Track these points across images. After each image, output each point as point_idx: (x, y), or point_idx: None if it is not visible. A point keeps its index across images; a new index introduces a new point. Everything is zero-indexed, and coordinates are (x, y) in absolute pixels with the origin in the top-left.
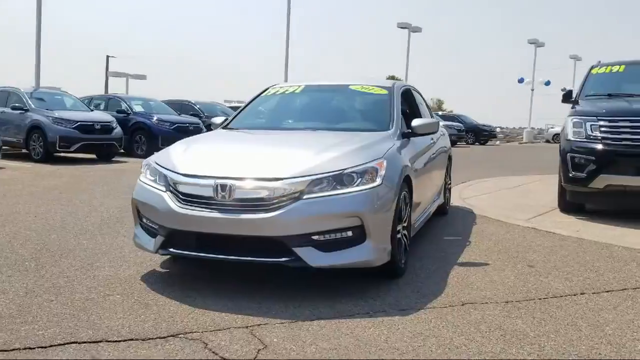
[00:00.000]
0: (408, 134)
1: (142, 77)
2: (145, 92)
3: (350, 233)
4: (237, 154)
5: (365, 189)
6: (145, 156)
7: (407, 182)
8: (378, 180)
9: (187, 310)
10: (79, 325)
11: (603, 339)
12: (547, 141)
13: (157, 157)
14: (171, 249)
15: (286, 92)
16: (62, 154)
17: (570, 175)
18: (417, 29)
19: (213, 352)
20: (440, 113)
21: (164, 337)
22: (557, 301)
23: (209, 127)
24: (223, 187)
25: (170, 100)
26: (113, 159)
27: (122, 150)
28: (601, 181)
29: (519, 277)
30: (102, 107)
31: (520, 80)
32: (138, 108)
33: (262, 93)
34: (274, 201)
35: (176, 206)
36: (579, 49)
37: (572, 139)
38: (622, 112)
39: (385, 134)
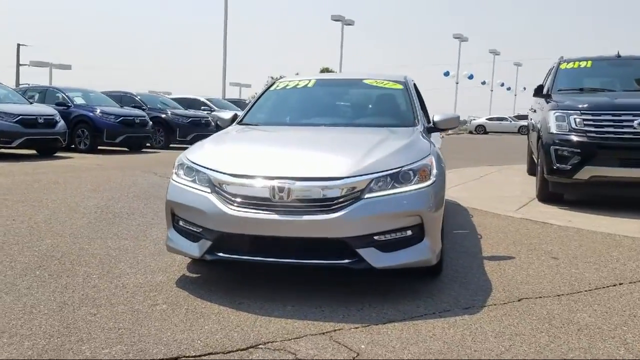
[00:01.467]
0: (431, 129)
1: (67, 67)
2: (71, 83)
3: (409, 232)
4: (284, 153)
5: (423, 187)
6: (88, 151)
7: None
8: (432, 178)
9: (250, 318)
10: (144, 340)
11: None
12: (470, 132)
13: (191, 156)
14: (220, 254)
15: (297, 87)
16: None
17: (555, 167)
18: (350, 22)
19: None
20: None
21: (244, 349)
22: (604, 292)
23: (169, 122)
24: (281, 187)
25: (109, 92)
26: (55, 154)
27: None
28: (586, 173)
29: (551, 270)
30: (36, 99)
31: (446, 74)
32: (78, 100)
33: (270, 87)
34: (336, 201)
35: (227, 208)
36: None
37: (556, 132)
38: (605, 106)
39: (416, 130)
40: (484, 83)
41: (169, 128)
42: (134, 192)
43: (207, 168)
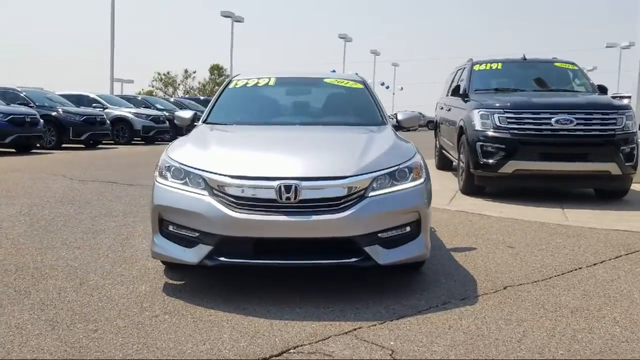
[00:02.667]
0: (396, 128)
1: None
2: None
3: (408, 229)
4: (280, 153)
5: (419, 184)
6: None
7: None
8: (424, 175)
9: (264, 323)
10: (167, 354)
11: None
12: None
13: (178, 157)
14: (222, 258)
15: (259, 85)
16: None
17: (481, 162)
18: (239, 19)
19: None
20: None
21: (278, 355)
22: (572, 277)
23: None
24: (288, 188)
25: None
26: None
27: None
28: (510, 167)
29: (514, 258)
30: None
31: (333, 72)
32: None
33: (228, 85)
34: (343, 200)
35: (230, 211)
36: (378, 45)
37: (481, 129)
38: (525, 105)
39: (388, 128)
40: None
41: (61, 127)
42: (54, 197)
43: (203, 170)
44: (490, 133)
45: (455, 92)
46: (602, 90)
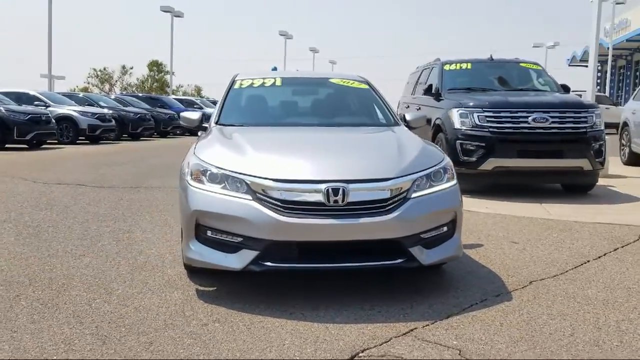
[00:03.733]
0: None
1: None
2: None
3: (445, 228)
4: (318, 155)
5: (454, 185)
6: None
7: None
8: (455, 175)
9: (319, 327)
10: None
11: None
12: None
13: (213, 161)
14: (269, 263)
15: (265, 85)
16: None
17: (461, 160)
18: (179, 14)
19: None
20: (211, 99)
21: (350, 358)
22: (585, 270)
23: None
24: (335, 191)
25: None
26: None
27: None
28: (490, 164)
29: (524, 254)
30: None
31: (274, 69)
32: None
33: (232, 86)
34: (389, 202)
35: (278, 215)
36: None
37: (460, 127)
38: (504, 104)
39: (405, 128)
40: None
41: (5, 127)
42: (27, 202)
43: (245, 174)
44: (470, 131)
45: (428, 91)
46: (565, 89)
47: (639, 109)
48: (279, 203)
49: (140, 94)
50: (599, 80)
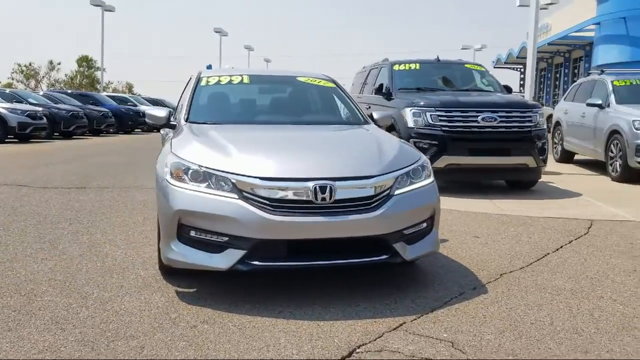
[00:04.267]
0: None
1: None
2: None
3: (425, 225)
4: (301, 153)
5: (431, 182)
6: None
7: None
8: (432, 172)
9: (311, 325)
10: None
11: (622, 279)
12: None
13: (193, 158)
14: (256, 262)
15: (233, 82)
16: None
17: None
18: (110, 8)
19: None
20: (146, 97)
21: (348, 356)
22: (547, 262)
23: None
24: (323, 188)
25: None
26: None
27: None
28: (442, 162)
29: (487, 247)
30: None
31: (209, 67)
32: None
33: (199, 83)
34: (374, 199)
35: (265, 214)
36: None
37: (413, 126)
38: (455, 104)
39: (375, 127)
40: None
41: None
42: None
43: (230, 172)
44: (423, 130)
45: (379, 90)
46: (508, 90)
47: (570, 109)
48: (266, 201)
49: (69, 91)
50: (522, 82)
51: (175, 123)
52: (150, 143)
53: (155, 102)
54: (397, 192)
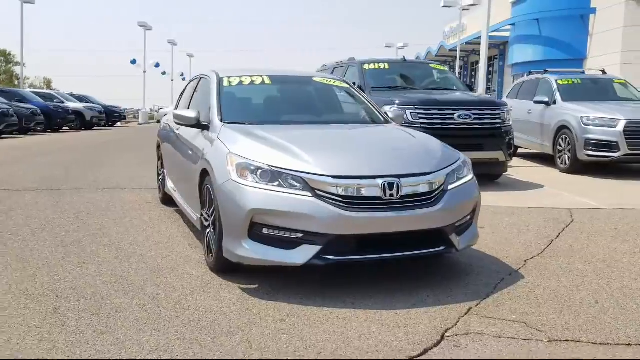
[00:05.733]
0: None
1: None
2: None
3: (469, 217)
4: (364, 152)
5: (472, 177)
6: None
7: None
8: (472, 169)
9: (389, 315)
10: (347, 352)
11: (629, 259)
12: (158, 121)
13: (259, 158)
14: (330, 257)
15: (255, 83)
16: None
17: None
18: (30, 0)
19: (513, 338)
20: (70, 93)
21: (440, 341)
22: (557, 248)
23: None
24: (391, 185)
25: None
26: None
27: None
28: None
29: (497, 236)
30: None
31: (133, 62)
32: None
33: (221, 83)
34: (433, 194)
35: (341, 210)
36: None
37: None
38: (433, 102)
39: (398, 126)
40: (164, 74)
41: None
42: None
43: (302, 172)
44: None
45: None
46: (470, 88)
47: (515, 106)
48: (339, 199)
49: None
50: None
51: (206, 123)
52: (83, 141)
53: (81, 99)
54: (450, 187)
